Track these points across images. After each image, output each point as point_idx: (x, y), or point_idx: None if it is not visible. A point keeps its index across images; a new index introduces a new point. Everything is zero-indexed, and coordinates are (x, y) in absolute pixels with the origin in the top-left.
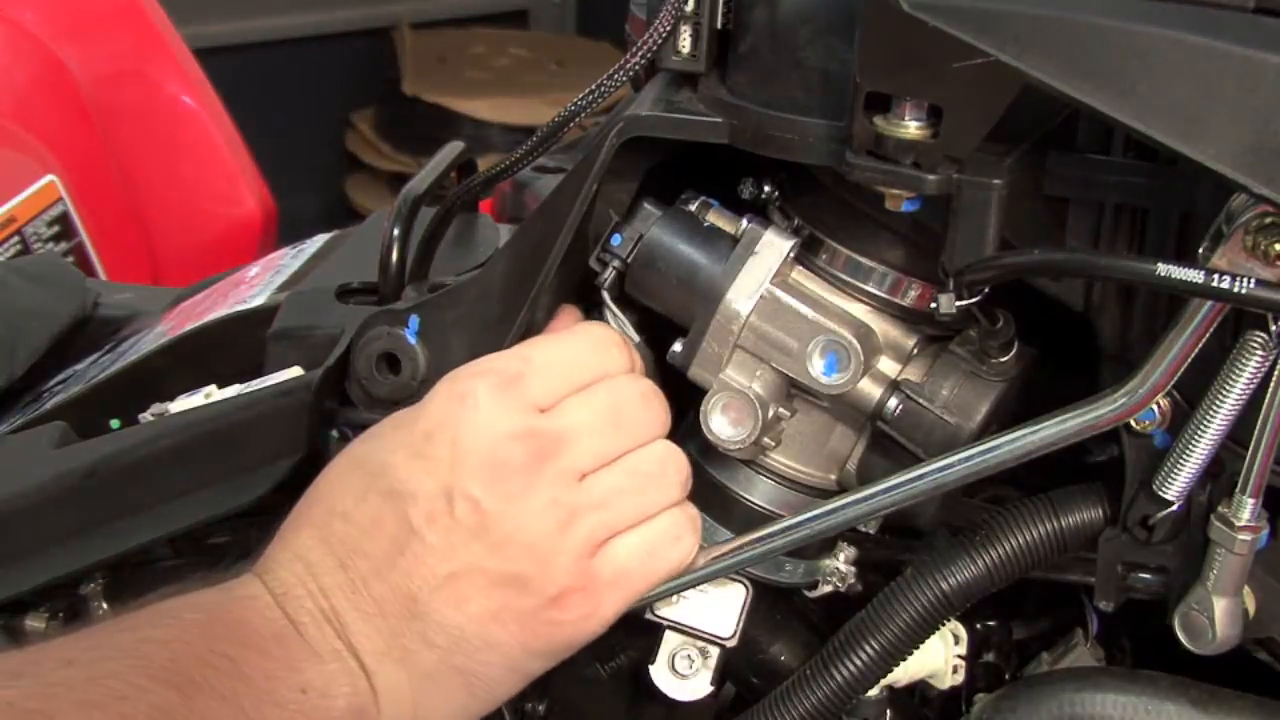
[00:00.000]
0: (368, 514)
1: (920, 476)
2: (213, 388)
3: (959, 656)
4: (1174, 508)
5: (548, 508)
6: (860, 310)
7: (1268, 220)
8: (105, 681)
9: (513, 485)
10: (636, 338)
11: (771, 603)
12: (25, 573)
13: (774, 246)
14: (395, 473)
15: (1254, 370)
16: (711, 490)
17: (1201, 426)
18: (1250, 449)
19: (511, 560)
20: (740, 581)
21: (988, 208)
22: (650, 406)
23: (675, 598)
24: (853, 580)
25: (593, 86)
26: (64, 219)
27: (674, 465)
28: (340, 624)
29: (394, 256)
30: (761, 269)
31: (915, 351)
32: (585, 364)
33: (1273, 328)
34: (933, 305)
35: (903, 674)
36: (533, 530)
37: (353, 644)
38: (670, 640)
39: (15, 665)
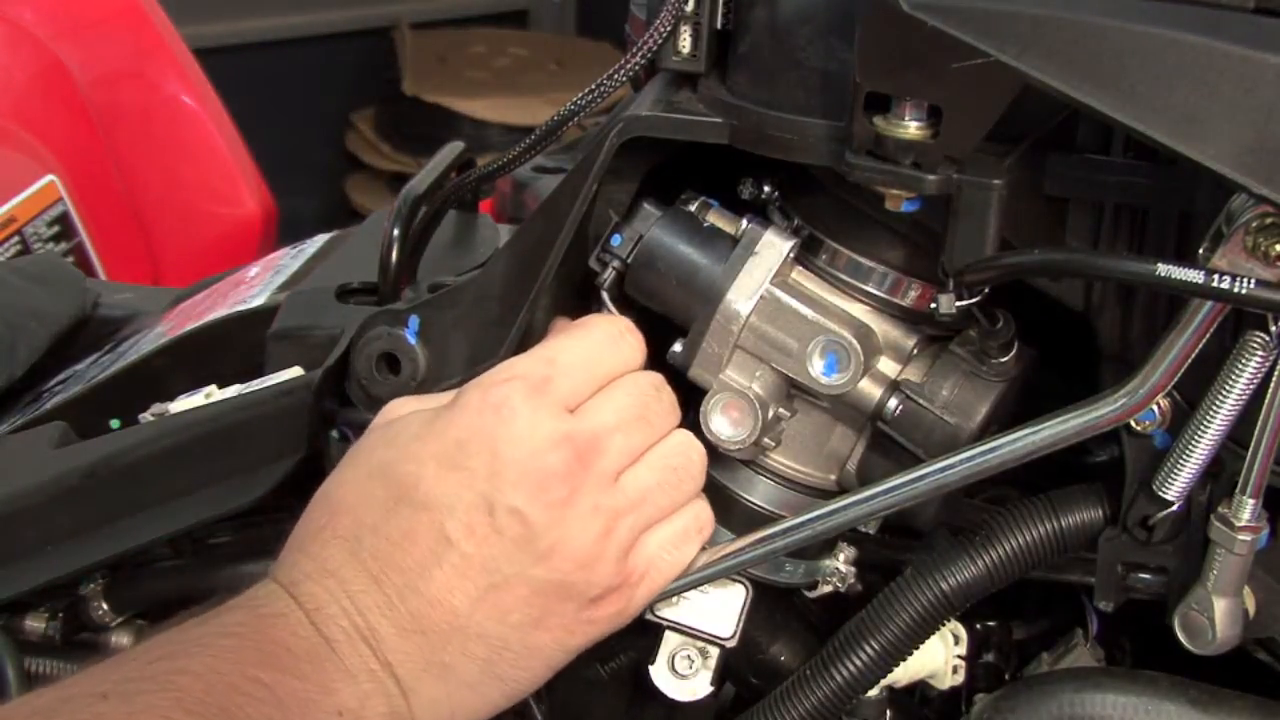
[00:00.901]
0: (400, 527)
1: (920, 477)
2: (213, 388)
3: (959, 656)
4: (1174, 508)
5: (591, 514)
6: (860, 310)
7: (1268, 220)
8: (140, 716)
9: (556, 494)
10: None
11: (771, 603)
12: (25, 573)
13: (774, 247)
14: (427, 484)
15: (1254, 370)
16: (712, 491)
17: (1201, 426)
18: (1250, 449)
19: (556, 569)
20: (740, 582)
21: (988, 208)
22: (665, 397)
23: (675, 598)
24: (853, 580)
25: (592, 86)
26: (64, 219)
27: (696, 454)
28: (376, 641)
29: (394, 256)
30: (761, 269)
31: (915, 351)
32: (605, 359)
33: (1273, 328)
34: (933, 305)
35: (903, 674)
36: (578, 538)
37: (389, 661)
38: (670, 640)
39: (49, 703)
